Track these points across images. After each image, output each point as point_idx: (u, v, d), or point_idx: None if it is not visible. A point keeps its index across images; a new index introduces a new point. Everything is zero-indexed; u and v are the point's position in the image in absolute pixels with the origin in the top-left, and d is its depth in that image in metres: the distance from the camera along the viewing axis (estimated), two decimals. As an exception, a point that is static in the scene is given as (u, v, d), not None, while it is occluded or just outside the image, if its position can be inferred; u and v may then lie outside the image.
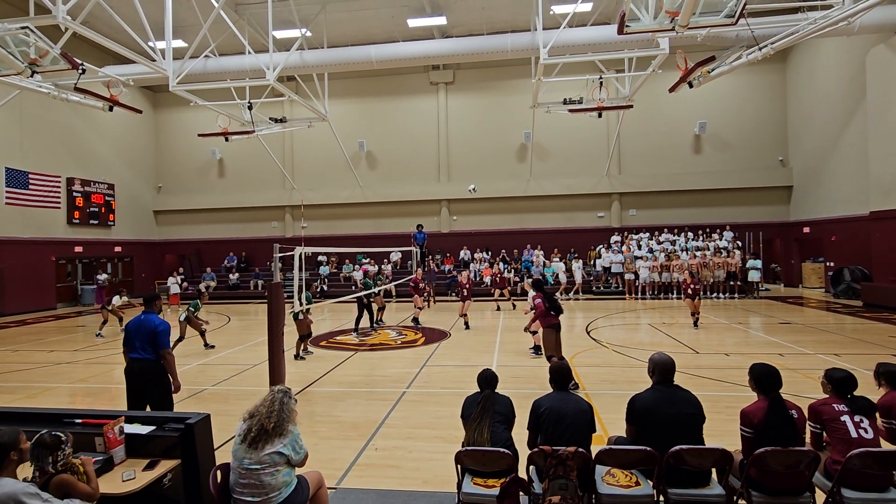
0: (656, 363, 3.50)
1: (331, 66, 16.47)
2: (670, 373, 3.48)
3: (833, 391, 3.35)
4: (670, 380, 3.48)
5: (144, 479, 2.85)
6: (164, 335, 4.91)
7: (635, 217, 21.68)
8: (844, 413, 3.20)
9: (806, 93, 19.33)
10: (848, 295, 16.13)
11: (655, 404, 3.36)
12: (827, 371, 3.46)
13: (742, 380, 6.90)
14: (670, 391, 3.43)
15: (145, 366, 4.88)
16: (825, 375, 3.44)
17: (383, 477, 4.43)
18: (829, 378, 3.39)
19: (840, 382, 3.33)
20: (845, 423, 3.17)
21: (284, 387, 3.20)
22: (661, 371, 3.47)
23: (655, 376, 3.50)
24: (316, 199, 22.90)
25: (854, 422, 3.16)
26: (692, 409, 3.34)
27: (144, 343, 4.88)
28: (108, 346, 11.18)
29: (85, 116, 20.11)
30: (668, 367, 3.48)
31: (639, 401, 3.44)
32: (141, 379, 4.89)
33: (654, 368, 3.50)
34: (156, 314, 5.07)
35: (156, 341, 4.87)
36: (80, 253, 20.35)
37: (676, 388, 3.46)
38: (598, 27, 14.31)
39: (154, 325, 4.89)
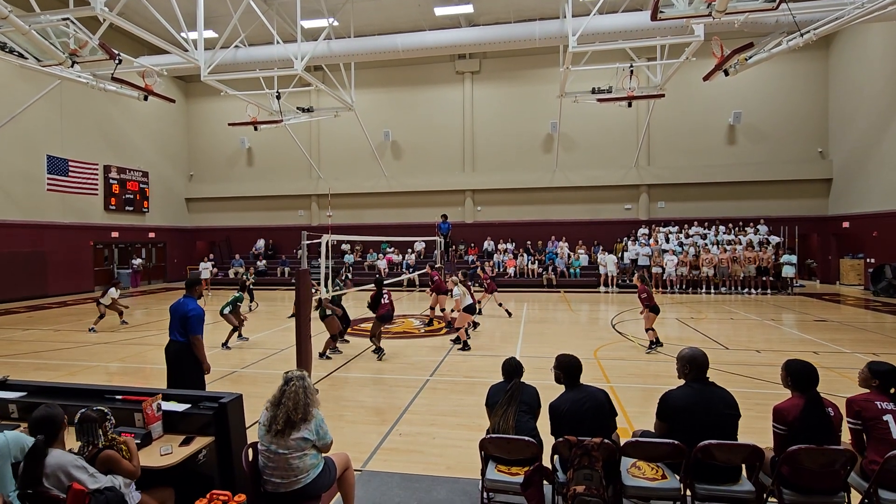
0: (689, 359, 3.35)
1: (357, 55, 16.50)
2: (704, 369, 3.33)
3: (878, 385, 3.20)
4: (704, 375, 3.34)
5: (181, 454, 2.97)
6: (193, 321, 5.03)
7: (664, 210, 21.19)
8: (888, 412, 3.06)
9: (850, 82, 18.45)
10: (889, 293, 15.48)
11: (691, 403, 3.23)
12: (870, 363, 3.30)
13: (773, 377, 6.72)
14: (706, 389, 3.28)
15: (176, 348, 5.08)
16: (868, 368, 3.28)
17: (407, 461, 4.50)
18: (872, 371, 3.24)
19: (885, 376, 3.18)
20: (887, 423, 3.04)
21: (299, 371, 3.16)
22: (696, 367, 3.32)
23: (690, 373, 3.35)
24: (341, 188, 23.13)
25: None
26: (729, 408, 3.22)
27: (177, 326, 5.06)
28: (142, 329, 11.60)
29: (121, 106, 20.74)
30: (702, 363, 3.33)
31: (672, 398, 3.31)
32: (172, 360, 5.11)
33: (688, 365, 3.35)
34: (194, 299, 5.22)
35: (185, 325, 5.02)
36: (116, 238, 21.10)
37: (712, 385, 3.32)
38: (630, 13, 13.89)
39: (186, 310, 5.03)
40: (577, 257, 20.19)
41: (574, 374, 3.47)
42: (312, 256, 18.80)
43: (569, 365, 3.49)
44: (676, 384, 3.47)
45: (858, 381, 3.36)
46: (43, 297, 17.57)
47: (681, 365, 3.43)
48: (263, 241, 24.11)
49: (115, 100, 18.58)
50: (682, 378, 3.43)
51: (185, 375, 5.08)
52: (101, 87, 13.03)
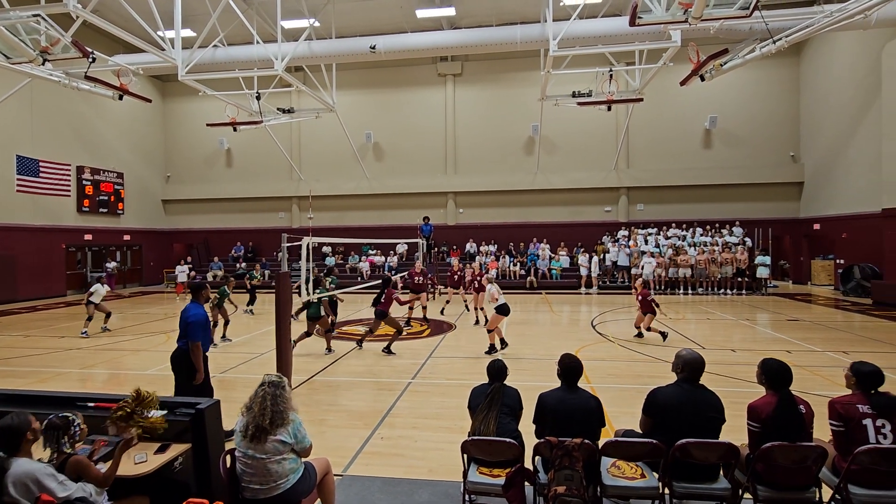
0: (686, 360, 3.39)
1: (339, 56, 16.41)
2: (699, 372, 3.37)
3: (857, 384, 3.28)
4: (697, 379, 3.38)
5: (156, 461, 2.90)
6: (192, 326, 4.94)
7: (643, 212, 21.55)
8: (868, 416, 3.13)
9: (820, 88, 19.05)
10: (857, 293, 15.99)
11: (679, 402, 3.29)
12: (853, 364, 3.37)
13: (748, 376, 6.88)
14: (696, 391, 3.34)
15: (177, 353, 5.01)
16: (851, 368, 3.36)
17: (389, 465, 4.48)
18: (855, 371, 3.31)
19: (866, 377, 3.26)
20: (866, 427, 3.12)
21: (274, 376, 3.13)
22: (691, 370, 3.37)
23: (683, 373, 3.39)
24: (323, 190, 22.95)
25: (876, 426, 3.11)
26: (715, 412, 3.28)
27: (181, 331, 5.01)
28: (116, 334, 11.31)
29: (95, 105, 20.22)
30: (698, 367, 3.37)
31: (661, 395, 3.37)
32: (173, 366, 5.05)
33: (683, 366, 3.40)
34: (199, 304, 5.13)
35: (185, 331, 4.95)
36: (89, 241, 20.55)
37: (702, 388, 3.37)
38: (609, 19, 14.13)
39: (186, 315, 4.96)
40: (557, 259, 20.37)
41: (571, 377, 3.50)
42: (294, 259, 18.59)
43: (568, 367, 3.52)
44: (656, 384, 3.53)
45: (845, 381, 3.43)
46: (12, 302, 16.99)
47: (676, 362, 3.47)
48: (243, 246, 23.73)
49: (88, 99, 18.14)
50: (676, 374, 3.47)
51: (182, 382, 5.00)
52: (74, 86, 12.69)
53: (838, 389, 3.44)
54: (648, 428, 3.41)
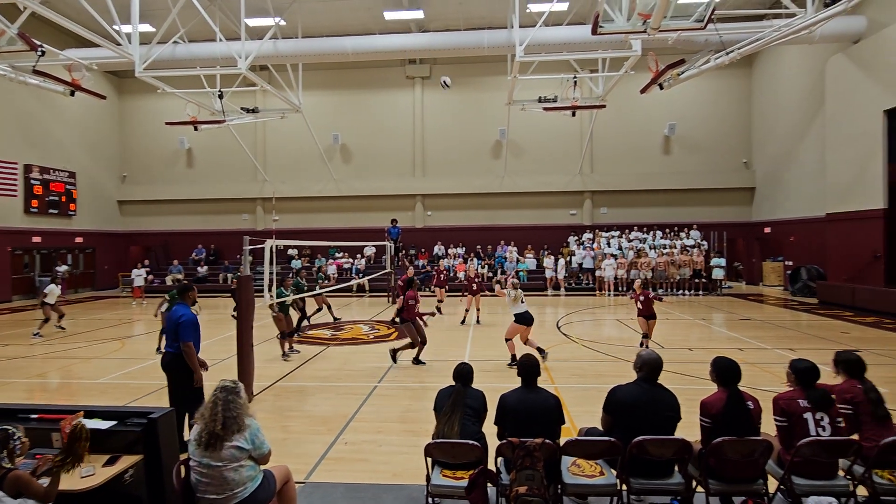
0: (645, 360, 3.52)
1: (305, 56, 16.18)
2: (657, 372, 3.51)
3: (796, 380, 3.48)
4: (655, 378, 3.51)
5: (104, 474, 2.78)
6: (184, 327, 4.77)
7: (606, 215, 22.11)
8: (808, 410, 3.32)
9: (769, 98, 20.04)
10: (804, 293, 16.86)
11: (637, 400, 3.41)
12: (792, 361, 3.59)
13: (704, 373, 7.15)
14: (653, 390, 3.47)
15: (170, 358, 4.82)
16: (790, 366, 3.57)
17: (353, 470, 4.43)
18: (793, 368, 3.53)
19: (803, 373, 3.46)
20: (807, 421, 3.30)
21: (228, 381, 3.06)
22: (649, 369, 3.50)
23: (642, 372, 3.52)
24: (288, 191, 22.53)
25: (815, 419, 3.30)
26: (671, 411, 3.40)
27: (170, 335, 4.82)
28: (66, 341, 10.78)
29: (44, 101, 19.22)
30: (656, 366, 3.51)
31: (620, 392, 3.49)
32: (167, 372, 4.85)
33: (643, 365, 3.52)
34: (186, 306, 4.96)
35: (177, 333, 4.77)
36: (38, 243, 19.49)
37: (660, 387, 3.50)
38: (574, 27, 14.48)
39: (177, 317, 4.80)
40: (524, 261, 20.65)
41: (530, 375, 3.58)
42: (258, 262, 18.16)
43: (526, 365, 3.61)
44: (618, 384, 3.63)
45: (786, 378, 3.63)
46: (-50, 309, 15.94)
47: (636, 361, 3.59)
48: (204, 249, 23.01)
49: (37, 94, 17.26)
50: (636, 373, 3.59)
51: (180, 387, 4.80)
52: (22, 81, 12.07)
53: (784, 385, 3.64)
54: (609, 425, 3.52)
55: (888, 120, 13.64)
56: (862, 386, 3.54)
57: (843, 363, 3.70)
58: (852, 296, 14.15)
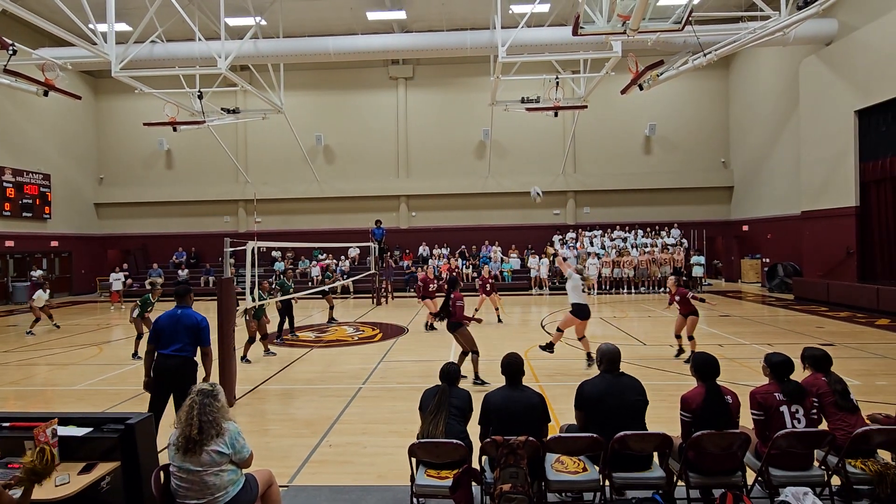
0: (604, 353, 3.69)
1: (286, 56, 16.04)
2: (616, 362, 3.66)
3: (771, 374, 3.58)
4: (617, 368, 3.66)
5: (80, 482, 2.71)
6: (206, 331, 4.67)
7: (589, 215, 22.34)
8: (783, 403, 3.42)
9: (746, 99, 20.48)
10: (781, 289, 17.26)
11: (603, 391, 3.53)
12: (767, 355, 3.70)
13: (684, 369, 7.28)
14: (617, 379, 3.60)
15: (179, 362, 4.58)
16: (765, 360, 3.68)
17: (337, 473, 4.40)
18: (768, 362, 3.63)
19: (777, 366, 3.56)
20: (783, 414, 3.39)
21: (206, 384, 3.02)
22: (609, 360, 3.66)
23: (603, 365, 3.67)
24: (271, 193, 22.30)
25: (791, 412, 3.39)
26: (637, 395, 3.53)
27: (182, 338, 4.59)
28: (42, 347, 10.50)
29: (16, 101, 18.70)
30: (614, 357, 3.67)
31: (587, 387, 3.60)
32: (173, 375, 4.56)
33: (602, 358, 3.69)
34: (191, 308, 4.82)
35: (199, 337, 4.62)
36: (11, 248, 18.95)
37: (622, 375, 3.64)
38: (555, 28, 14.62)
39: (197, 321, 4.64)
40: (508, 261, 20.75)
41: (513, 373, 3.61)
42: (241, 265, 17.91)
43: (508, 364, 3.65)
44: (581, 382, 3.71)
45: (763, 371, 3.73)
46: (-83, 316, 15.40)
47: (597, 358, 3.78)
48: (185, 251, 22.63)
49: (9, 95, 16.79)
50: (598, 368, 3.73)
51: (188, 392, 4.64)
52: (-9, 80, 11.71)
53: (764, 379, 3.73)
54: (583, 420, 3.60)
55: (859, 120, 14.04)
56: (826, 379, 3.67)
57: (810, 358, 3.85)
58: (827, 291, 14.53)
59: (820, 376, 3.71)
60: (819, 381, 3.67)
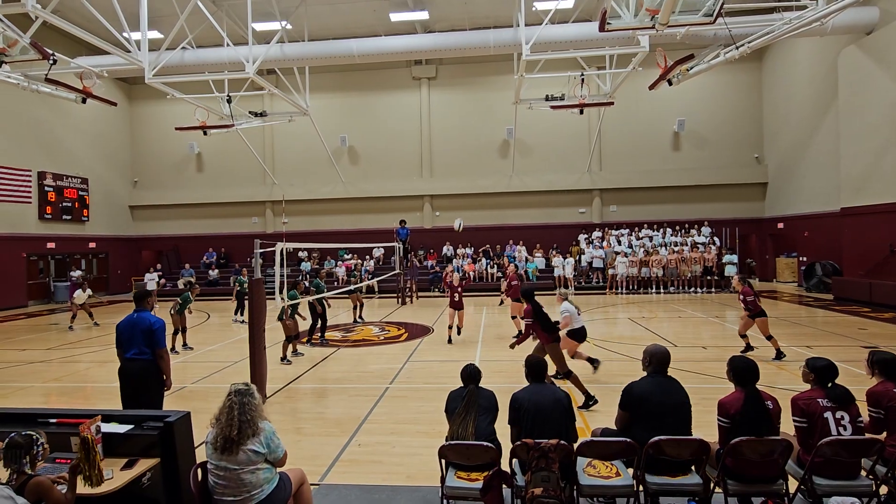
0: (653, 354, 3.58)
1: (312, 59, 16.28)
2: (665, 363, 3.57)
3: (815, 380, 3.42)
4: (665, 370, 3.56)
5: (122, 478, 2.80)
6: (159, 332, 4.79)
7: (616, 213, 21.96)
8: (827, 409, 3.26)
9: (781, 91, 19.79)
10: (819, 289, 16.62)
11: (652, 393, 3.44)
12: (808, 360, 3.53)
13: (718, 372, 7.07)
14: (666, 381, 3.52)
15: (141, 365, 4.74)
16: (806, 364, 3.51)
17: (367, 472, 4.43)
18: (810, 367, 3.46)
19: (822, 371, 3.40)
20: (828, 421, 3.24)
21: (241, 384, 3.07)
22: (658, 361, 3.56)
23: (651, 366, 3.57)
24: (297, 194, 22.65)
25: (836, 419, 3.23)
26: (684, 398, 3.45)
27: (139, 342, 4.74)
28: (82, 345, 10.92)
29: (57, 109, 19.50)
30: (664, 358, 3.57)
31: (637, 388, 3.51)
32: (136, 379, 4.74)
33: (651, 359, 3.58)
34: (148, 311, 4.94)
35: (152, 339, 4.74)
36: (52, 249, 19.77)
37: (670, 378, 3.55)
38: (580, 24, 14.42)
39: (150, 324, 4.77)
40: (533, 260, 20.58)
41: (537, 373, 3.66)
42: (268, 265, 18.27)
43: (532, 364, 3.70)
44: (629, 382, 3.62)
45: (802, 377, 3.58)
46: (-32, 315, 16.23)
47: (644, 357, 3.65)
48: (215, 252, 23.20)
49: (50, 102, 17.46)
50: (645, 370, 3.63)
51: (151, 394, 4.78)
52: (35, 89, 12.24)
53: (803, 383, 3.58)
54: (625, 421, 3.51)
55: (903, 111, 13.41)
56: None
57: (880, 363, 3.53)
58: (869, 291, 13.92)
59: (891, 386, 3.42)
60: (890, 392, 3.38)
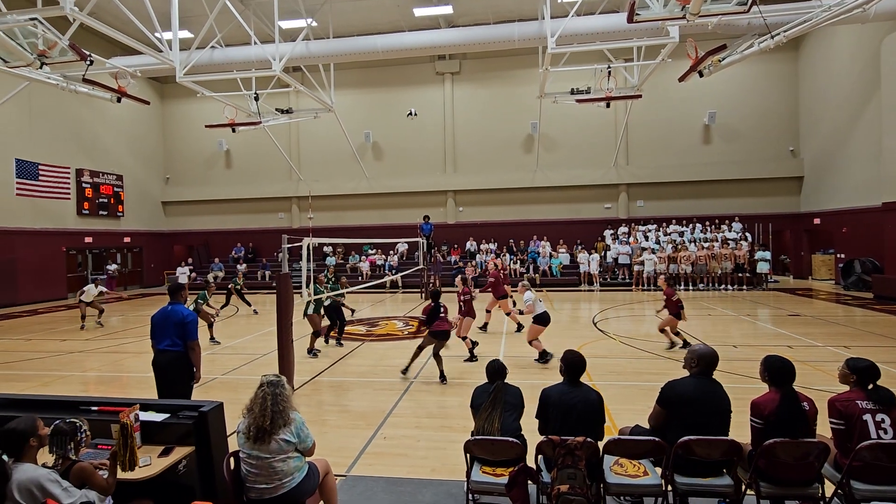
0: (701, 355, 3.43)
1: (337, 56, 16.41)
2: (713, 366, 3.42)
3: (856, 381, 3.28)
4: (711, 373, 3.42)
5: (160, 465, 2.90)
6: (192, 325, 4.91)
7: (643, 208, 21.53)
8: (867, 412, 3.13)
9: (818, 82, 19.01)
10: (858, 287, 15.99)
11: (695, 394, 3.32)
12: (848, 360, 3.37)
13: (750, 371, 6.89)
14: (710, 385, 3.38)
15: (172, 356, 4.90)
16: (847, 365, 3.35)
17: (392, 465, 4.49)
18: (851, 368, 3.31)
19: (863, 372, 3.26)
20: (867, 423, 3.11)
21: (272, 376, 3.14)
22: (706, 363, 3.41)
23: (697, 367, 3.43)
24: (322, 190, 22.95)
25: (875, 421, 3.10)
26: (726, 404, 3.32)
27: (172, 334, 4.89)
28: (117, 336, 11.33)
29: (93, 108, 20.21)
30: (712, 360, 3.42)
31: (679, 386, 3.39)
32: (167, 369, 4.92)
33: (699, 360, 3.43)
34: (182, 304, 5.08)
35: (184, 332, 4.88)
36: (89, 244, 20.55)
37: (715, 382, 3.41)
38: (607, 15, 14.12)
39: (182, 316, 4.90)
40: (557, 256, 20.38)
41: (575, 372, 3.54)
42: (294, 259, 18.59)
43: (572, 362, 3.56)
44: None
45: (839, 378, 3.43)
46: (13, 306, 17.00)
47: (689, 357, 3.50)
48: (243, 247, 23.74)
49: (86, 102, 18.12)
50: (689, 371, 3.49)
51: (181, 385, 4.94)
52: (72, 89, 12.68)
53: (840, 385, 3.45)
54: (661, 419, 3.42)
55: (952, 101, 12.73)
56: None
57: None
58: (911, 290, 13.32)
59: None
60: None
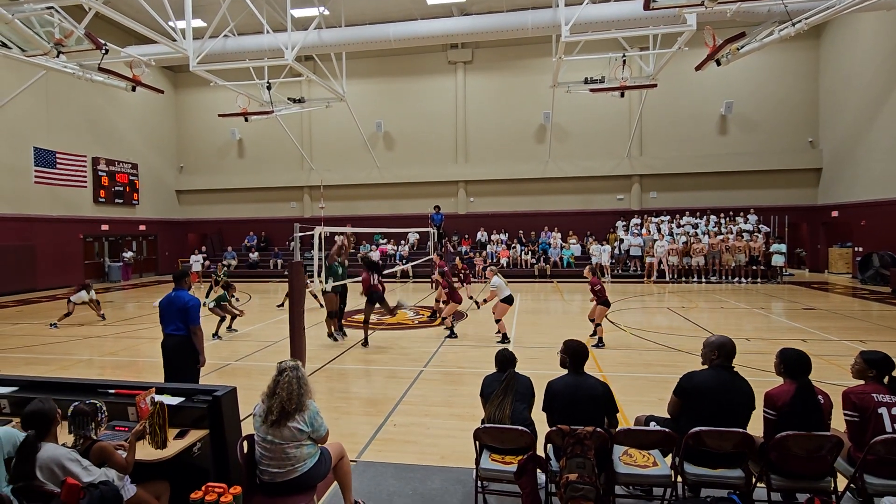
0: (720, 346, 3.39)
1: (349, 45, 16.35)
2: (731, 357, 3.38)
3: (873, 376, 3.23)
4: (730, 364, 3.39)
5: (176, 446, 2.97)
6: (193, 311, 5.07)
7: (656, 200, 21.29)
8: (883, 405, 3.09)
9: (840, 71, 18.54)
10: (876, 281, 15.70)
11: (714, 386, 3.28)
12: (863, 353, 3.33)
13: (764, 365, 6.82)
14: (730, 377, 3.33)
15: (177, 341, 5.09)
16: (861, 358, 3.31)
17: (402, 452, 4.54)
18: (867, 360, 3.27)
19: (879, 364, 3.21)
20: (882, 416, 3.07)
21: (292, 361, 3.19)
22: (724, 355, 3.37)
23: (718, 359, 3.39)
24: (334, 179, 23.01)
25: (891, 415, 3.06)
26: (746, 398, 3.27)
27: (176, 319, 5.07)
28: (133, 322, 11.54)
29: (108, 97, 20.42)
30: (730, 352, 3.38)
31: (696, 378, 3.36)
32: (173, 353, 5.12)
33: (719, 351, 3.39)
34: (185, 290, 5.22)
35: (187, 316, 5.04)
36: (106, 231, 20.89)
37: (736, 374, 3.36)
38: (623, 2, 13.86)
39: (184, 302, 5.06)
40: (568, 247, 20.28)
41: (579, 361, 3.51)
42: (306, 248, 18.74)
43: (575, 351, 3.53)
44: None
45: (852, 372, 3.38)
46: (32, 291, 17.39)
47: (708, 350, 3.46)
48: (255, 236, 23.95)
49: (102, 90, 18.30)
50: (707, 364, 3.46)
51: (185, 369, 5.10)
52: (88, 78, 12.83)
53: (854, 379, 3.41)
54: (678, 410, 3.40)
55: (980, 91, 12.34)
56: None
57: None
58: (931, 284, 13.05)
59: None
60: None
